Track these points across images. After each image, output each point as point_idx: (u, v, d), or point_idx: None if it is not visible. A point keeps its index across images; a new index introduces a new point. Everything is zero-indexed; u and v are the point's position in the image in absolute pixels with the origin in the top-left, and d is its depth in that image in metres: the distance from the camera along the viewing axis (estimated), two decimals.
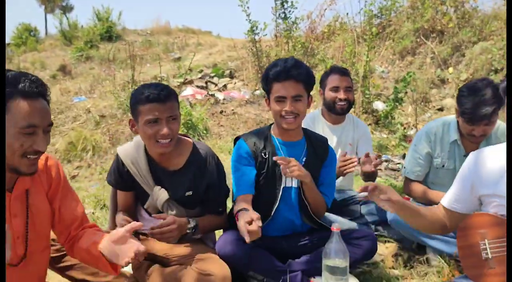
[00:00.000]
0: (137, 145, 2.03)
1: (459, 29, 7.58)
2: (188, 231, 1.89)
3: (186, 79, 9.64)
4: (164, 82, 9.58)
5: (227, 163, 2.85)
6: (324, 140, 2.20)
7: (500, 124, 2.37)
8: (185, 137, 2.08)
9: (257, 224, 1.63)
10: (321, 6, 9.39)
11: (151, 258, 1.93)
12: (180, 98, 6.10)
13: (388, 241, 2.47)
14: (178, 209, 2.01)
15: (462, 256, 1.63)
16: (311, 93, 2.07)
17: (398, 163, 4.25)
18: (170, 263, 1.91)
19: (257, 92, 6.71)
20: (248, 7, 6.83)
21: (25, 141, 1.35)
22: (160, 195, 2.00)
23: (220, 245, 1.88)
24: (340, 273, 1.76)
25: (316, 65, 7.66)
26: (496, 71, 6.52)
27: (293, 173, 1.90)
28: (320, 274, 1.92)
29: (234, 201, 2.07)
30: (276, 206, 2.05)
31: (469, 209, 1.67)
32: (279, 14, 7.96)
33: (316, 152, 2.13)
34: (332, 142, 2.68)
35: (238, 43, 13.11)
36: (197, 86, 9.18)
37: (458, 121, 2.35)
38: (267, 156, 2.07)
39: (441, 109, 6.33)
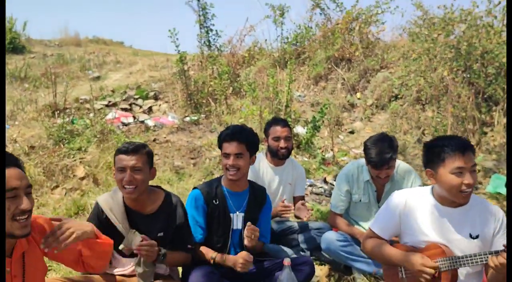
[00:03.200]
0: (115, 194, 2.39)
1: (364, 58, 8.54)
2: (159, 255, 2.26)
3: (110, 101, 9.63)
4: (88, 105, 9.52)
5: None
6: (263, 189, 2.76)
7: (399, 164, 3.01)
8: (158, 189, 2.48)
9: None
10: (241, 31, 9.99)
11: None
12: (108, 123, 6.30)
13: (322, 264, 2.99)
14: None
15: (386, 275, 2.21)
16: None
17: (321, 187, 4.86)
18: None
19: (187, 119, 7.03)
20: (177, 39, 7.17)
21: (11, 205, 1.55)
22: (135, 237, 2.33)
23: (194, 280, 2.30)
24: None
25: (240, 90, 8.17)
26: (396, 97, 7.51)
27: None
28: None
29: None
30: (229, 245, 2.56)
31: (389, 236, 2.23)
32: (204, 41, 8.37)
33: (257, 199, 2.67)
34: (275, 181, 3.19)
35: (159, 61, 13.28)
36: (122, 109, 9.23)
37: (367, 167, 2.97)
38: (217, 202, 2.56)
39: (352, 132, 7.13)
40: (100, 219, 2.33)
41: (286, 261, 2.24)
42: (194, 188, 2.65)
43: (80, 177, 5.18)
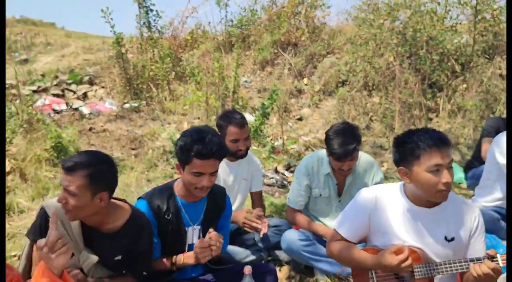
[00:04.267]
0: None
1: (311, 43, 8.40)
2: None
3: (40, 87, 8.86)
4: (14, 91, 8.69)
5: None
6: (223, 192, 2.35)
7: (361, 155, 2.82)
8: (123, 203, 2.04)
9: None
10: (182, 13, 9.51)
11: None
12: (36, 110, 5.67)
13: (280, 265, 2.76)
14: (105, 272, 1.97)
15: (354, 278, 2.01)
16: None
17: (272, 177, 4.63)
18: None
19: (127, 105, 6.53)
20: (111, 19, 6.59)
21: None
22: (89, 258, 1.92)
23: None
24: None
25: (183, 75, 7.74)
26: (343, 83, 7.43)
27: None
28: None
29: None
30: None
31: (357, 238, 2.01)
32: (144, 22, 7.83)
33: (216, 205, 2.27)
34: (230, 178, 2.88)
35: (94, 44, 12.43)
36: (53, 95, 8.50)
37: (329, 159, 2.74)
38: (170, 217, 2.15)
39: (300, 119, 6.97)
40: (45, 230, 1.81)
41: (247, 269, 1.96)
42: (140, 198, 2.22)
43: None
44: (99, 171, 1.80)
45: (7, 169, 4.73)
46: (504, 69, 6.36)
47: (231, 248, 2.67)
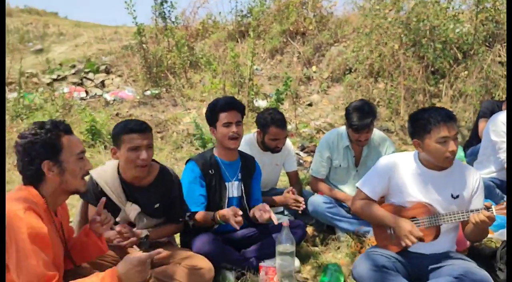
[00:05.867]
0: (110, 167, 2.41)
1: (318, 32, 8.76)
2: (140, 240, 2.30)
3: (59, 75, 9.24)
4: (34, 80, 9.09)
5: None
6: (252, 158, 2.88)
7: (375, 131, 3.24)
8: (153, 161, 2.49)
9: (240, 215, 2.30)
10: (194, 3, 9.86)
11: None
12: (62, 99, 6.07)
13: (306, 226, 3.20)
14: (148, 219, 2.43)
15: (375, 233, 2.42)
16: None
17: None
18: (154, 265, 2.33)
19: (148, 92, 6.94)
20: (134, 10, 6.97)
21: (81, 165, 1.81)
22: (133, 208, 2.38)
23: (199, 246, 2.40)
24: (289, 255, 2.40)
25: (197, 64, 8.12)
26: (350, 71, 7.81)
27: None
28: (267, 258, 2.57)
29: (189, 216, 2.57)
30: None
31: (378, 197, 2.42)
32: (159, 13, 8.19)
33: (248, 168, 2.79)
34: (263, 165, 3.16)
35: (106, 34, 12.75)
36: (73, 83, 8.89)
37: (348, 132, 3.17)
38: (213, 172, 2.65)
39: (310, 105, 7.37)
40: (95, 192, 2.34)
41: (285, 222, 2.41)
42: (189, 159, 2.72)
43: None
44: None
45: None
46: (503, 56, 6.74)
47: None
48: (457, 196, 2.27)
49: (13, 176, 4.63)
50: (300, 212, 3.02)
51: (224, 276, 2.48)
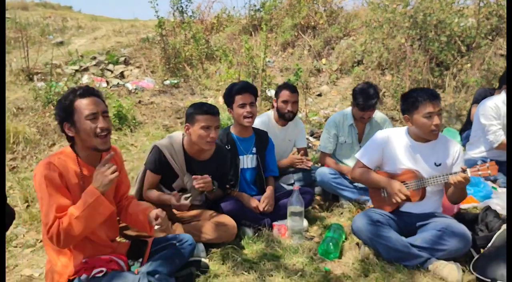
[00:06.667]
0: (174, 141, 2.82)
1: (328, 26, 9.13)
2: (213, 188, 2.74)
3: (81, 66, 9.72)
4: (58, 70, 9.58)
5: None
6: (265, 133, 3.31)
7: (377, 112, 3.65)
8: None
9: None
10: None
11: (172, 220, 2.77)
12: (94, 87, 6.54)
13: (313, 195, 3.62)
14: None
15: (371, 196, 2.84)
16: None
17: None
18: (186, 222, 2.77)
19: (167, 82, 7.39)
20: (157, 4, 7.41)
21: (92, 125, 1.98)
22: (190, 179, 2.78)
23: (224, 206, 2.84)
24: (299, 215, 2.83)
25: (213, 56, 8.55)
26: (358, 63, 8.18)
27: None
28: (279, 219, 3.00)
29: None
30: (239, 179, 3.15)
31: (374, 165, 2.84)
32: (177, 7, 8.62)
33: (262, 142, 3.23)
34: (278, 141, 3.60)
35: (123, 27, 13.21)
36: (93, 74, 9.38)
37: (352, 111, 3.58)
38: (229, 147, 3.10)
39: (319, 95, 7.77)
40: (160, 161, 2.74)
41: (296, 187, 2.84)
42: None
43: None
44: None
45: None
46: (505, 49, 7.07)
47: (277, 185, 3.53)
48: (440, 164, 2.67)
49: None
50: (308, 167, 3.44)
51: (244, 231, 2.93)
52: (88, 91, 2.04)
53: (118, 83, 7.63)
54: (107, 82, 8.65)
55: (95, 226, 2.01)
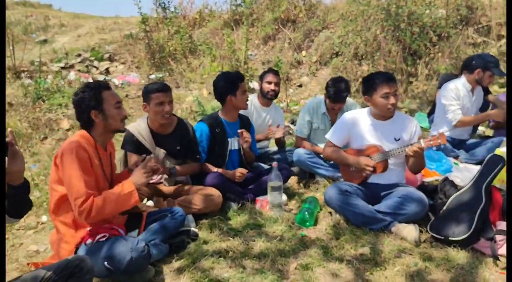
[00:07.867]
0: (141, 121, 3.16)
1: (308, 19, 9.44)
2: (170, 171, 3.08)
3: (67, 63, 9.89)
4: (44, 68, 9.74)
5: None
6: (247, 117, 3.65)
7: (348, 99, 3.98)
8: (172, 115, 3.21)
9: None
10: None
11: (163, 195, 3.08)
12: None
13: (293, 175, 3.93)
14: (172, 160, 3.18)
15: (342, 171, 3.19)
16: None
17: None
18: (177, 196, 3.08)
19: (152, 76, 7.64)
20: (140, 1, 7.64)
21: (120, 112, 2.40)
22: (160, 152, 3.12)
23: (209, 180, 3.15)
24: (278, 190, 3.15)
25: (197, 51, 8.81)
26: (336, 54, 8.52)
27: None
28: (261, 195, 3.32)
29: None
30: (227, 160, 3.45)
31: (342, 144, 3.18)
32: (159, 3, 8.85)
33: (245, 125, 3.54)
34: (260, 120, 4.08)
35: (106, 24, 13.34)
36: (79, 71, 9.56)
37: (325, 101, 3.91)
38: (219, 130, 3.40)
39: (300, 86, 8.10)
40: (132, 141, 3.08)
41: (274, 164, 3.16)
42: (200, 121, 3.47)
43: (65, 129, 5.76)
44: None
45: (67, 126, 5.89)
46: (475, 38, 7.49)
47: (257, 165, 3.85)
48: (399, 139, 3.02)
49: (41, 149, 5.34)
50: (283, 134, 3.87)
51: (229, 205, 3.24)
52: (108, 85, 2.43)
53: (104, 79, 7.84)
54: (93, 79, 8.86)
55: (121, 211, 2.39)
